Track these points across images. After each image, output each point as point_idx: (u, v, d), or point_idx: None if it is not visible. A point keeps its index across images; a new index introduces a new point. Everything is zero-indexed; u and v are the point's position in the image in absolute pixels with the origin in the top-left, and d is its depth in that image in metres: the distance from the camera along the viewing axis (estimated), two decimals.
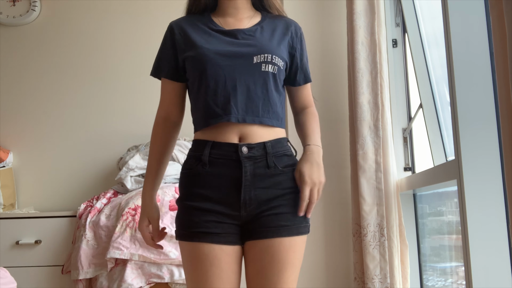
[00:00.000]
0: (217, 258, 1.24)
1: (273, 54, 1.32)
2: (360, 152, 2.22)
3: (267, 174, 1.28)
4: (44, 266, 2.43)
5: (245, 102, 1.29)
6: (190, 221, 1.28)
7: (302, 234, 1.31)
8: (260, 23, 1.41)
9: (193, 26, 1.40)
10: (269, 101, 1.31)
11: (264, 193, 1.28)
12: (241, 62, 1.30)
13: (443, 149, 2.10)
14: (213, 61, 1.30)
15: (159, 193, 2.29)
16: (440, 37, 1.88)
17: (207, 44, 1.33)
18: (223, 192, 1.27)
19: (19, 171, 3.00)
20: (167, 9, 3.10)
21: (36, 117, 3.05)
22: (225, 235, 1.26)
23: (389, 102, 2.30)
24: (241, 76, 1.30)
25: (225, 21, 1.41)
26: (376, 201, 2.18)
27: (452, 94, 1.45)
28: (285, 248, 1.26)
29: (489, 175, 1.37)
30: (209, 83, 1.30)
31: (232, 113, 1.27)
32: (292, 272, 1.27)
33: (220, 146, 1.28)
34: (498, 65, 1.05)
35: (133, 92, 3.04)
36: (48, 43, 3.10)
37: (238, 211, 1.28)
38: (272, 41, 1.36)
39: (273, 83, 1.33)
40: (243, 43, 1.33)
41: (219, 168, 1.28)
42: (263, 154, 1.29)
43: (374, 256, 2.14)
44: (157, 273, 2.14)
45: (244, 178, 1.26)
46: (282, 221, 1.27)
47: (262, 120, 1.30)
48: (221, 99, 1.29)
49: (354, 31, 2.30)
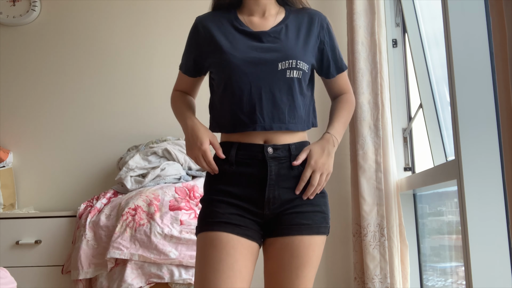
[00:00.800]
0: (233, 248, 1.25)
1: (297, 60, 1.32)
2: (360, 152, 2.22)
3: (290, 175, 1.32)
4: (44, 266, 2.43)
5: (271, 110, 1.30)
6: (213, 212, 1.30)
7: (322, 234, 1.34)
8: (284, 21, 1.39)
9: (219, 25, 1.39)
10: (294, 107, 1.33)
11: (287, 193, 1.31)
12: (266, 69, 1.31)
13: (443, 149, 2.10)
14: (239, 68, 1.31)
15: (159, 193, 2.30)
16: (440, 37, 1.88)
17: (232, 50, 1.33)
18: (249, 190, 1.30)
19: (19, 171, 3.00)
20: (167, 9, 3.10)
21: (36, 117, 3.05)
22: (245, 228, 1.29)
23: (389, 102, 2.30)
24: (266, 84, 1.31)
25: (250, 20, 1.40)
26: (376, 201, 2.18)
27: (452, 94, 1.45)
28: (305, 246, 1.28)
29: (489, 175, 1.37)
30: (234, 90, 1.32)
31: (258, 122, 1.30)
32: (310, 270, 1.29)
33: (246, 147, 1.31)
34: (498, 65, 1.05)
35: (133, 92, 3.04)
36: (48, 43, 3.10)
37: (262, 209, 1.31)
38: (297, 44, 1.35)
39: (298, 88, 1.34)
40: (268, 47, 1.33)
41: (245, 168, 1.31)
42: (287, 155, 1.32)
43: (374, 256, 2.14)
44: (157, 273, 2.14)
45: (269, 177, 1.30)
46: (304, 219, 1.30)
47: (289, 126, 1.32)
48: (247, 107, 1.31)
49: (354, 31, 2.30)
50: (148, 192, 2.31)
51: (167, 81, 3.05)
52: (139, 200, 2.26)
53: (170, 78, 3.03)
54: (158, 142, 2.70)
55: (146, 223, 2.19)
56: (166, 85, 3.05)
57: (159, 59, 3.07)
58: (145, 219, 2.20)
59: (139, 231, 2.17)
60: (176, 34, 3.09)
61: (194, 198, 2.33)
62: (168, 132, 2.88)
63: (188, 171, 2.60)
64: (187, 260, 2.14)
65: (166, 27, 3.10)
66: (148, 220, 2.20)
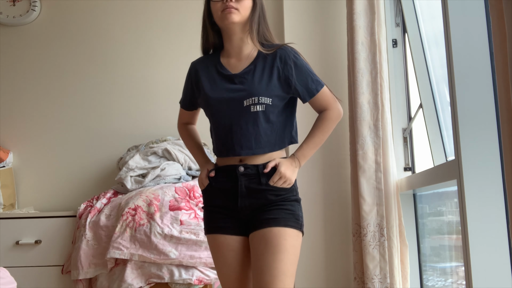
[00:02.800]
0: (230, 245, 1.61)
1: (259, 96, 1.57)
2: (360, 152, 2.22)
3: (259, 189, 1.58)
4: (44, 266, 2.43)
5: (240, 139, 1.58)
6: (209, 220, 1.66)
7: (290, 227, 1.54)
8: (254, 62, 1.63)
9: (206, 69, 1.68)
10: (260, 135, 1.59)
11: (256, 202, 1.58)
12: (234, 107, 1.58)
13: (443, 149, 2.10)
14: (215, 107, 1.62)
15: (159, 193, 2.30)
16: (440, 37, 1.87)
17: (211, 93, 1.62)
18: (226, 201, 1.61)
19: (19, 171, 3.00)
20: (167, 9, 3.11)
21: (36, 117, 3.05)
22: (233, 228, 1.61)
23: (389, 102, 2.30)
24: (236, 118, 1.59)
25: (228, 62, 1.66)
26: (376, 201, 2.18)
27: (452, 94, 1.45)
28: (275, 235, 1.52)
29: (489, 175, 1.37)
30: (216, 125, 1.64)
31: (231, 150, 1.60)
32: (285, 255, 1.50)
33: (224, 169, 1.63)
34: (498, 65, 1.05)
35: (133, 92, 3.04)
36: (48, 43, 3.10)
37: (238, 214, 1.61)
38: (261, 83, 1.59)
39: (263, 118, 1.58)
40: (237, 88, 1.60)
41: (223, 184, 1.62)
42: (256, 172, 1.58)
43: (374, 256, 2.14)
44: (157, 273, 2.14)
45: (240, 189, 1.58)
46: (271, 215, 1.56)
47: (255, 151, 1.59)
48: (224, 138, 1.62)
49: (354, 31, 2.30)
50: (148, 192, 2.31)
51: (167, 81, 3.06)
52: (139, 200, 2.26)
53: (170, 78, 3.04)
54: (158, 142, 2.70)
55: (146, 223, 2.19)
56: (166, 85, 3.06)
57: (159, 59, 3.07)
58: (145, 219, 2.20)
59: (139, 231, 2.17)
60: (176, 34, 3.09)
61: (194, 198, 2.33)
62: (168, 132, 2.88)
63: (188, 171, 2.60)
64: (187, 260, 2.14)
65: (166, 27, 3.10)
66: (148, 220, 2.20)
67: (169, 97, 3.00)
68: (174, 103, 2.95)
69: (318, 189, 2.63)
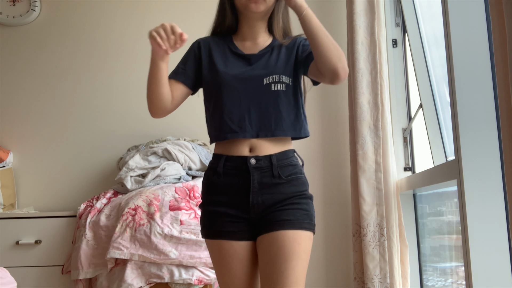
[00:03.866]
0: (236, 252, 1.46)
1: (280, 74, 1.49)
2: (360, 152, 2.22)
3: (272, 183, 1.46)
4: (44, 266, 2.43)
5: (259, 120, 1.47)
6: (210, 222, 1.50)
7: (305, 230, 1.44)
8: (270, 46, 1.57)
9: (218, 47, 1.59)
10: (281, 116, 1.48)
11: (270, 198, 1.45)
12: (253, 85, 1.49)
13: (443, 149, 2.10)
14: (230, 85, 1.49)
15: (159, 193, 2.30)
16: (440, 37, 1.88)
17: (225, 68, 1.52)
18: (235, 197, 1.47)
19: (19, 171, 3.00)
20: (168, 10, 3.10)
21: (36, 117, 3.05)
22: (239, 233, 1.47)
23: (389, 102, 2.30)
24: (254, 97, 1.48)
25: (243, 45, 1.59)
26: (376, 201, 2.19)
27: (452, 94, 1.45)
28: (289, 239, 1.40)
29: (489, 175, 1.37)
30: (226, 102, 1.49)
31: (247, 130, 1.47)
32: (297, 262, 1.39)
33: (232, 159, 1.48)
34: (498, 65, 1.05)
35: (133, 92, 3.04)
36: (48, 43, 3.10)
37: (248, 214, 1.47)
38: (279, 63, 1.52)
39: (284, 99, 1.50)
40: (255, 67, 1.52)
41: (232, 178, 1.48)
42: (269, 165, 1.47)
43: (374, 256, 2.14)
44: (157, 273, 2.14)
45: (252, 185, 1.45)
46: (286, 216, 1.43)
47: (275, 133, 1.48)
48: (237, 117, 1.48)
49: (354, 31, 2.30)
50: (148, 192, 2.31)
51: None
52: (139, 200, 2.26)
53: None
54: (158, 142, 2.70)
55: (146, 223, 2.19)
56: None
57: None
58: (145, 219, 2.20)
59: (139, 231, 2.17)
60: None
61: (194, 198, 2.33)
62: (168, 132, 2.88)
63: (188, 171, 2.60)
64: (187, 260, 2.14)
65: None
66: (148, 220, 2.20)
67: None
68: None
69: (318, 189, 2.63)
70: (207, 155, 2.66)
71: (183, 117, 2.62)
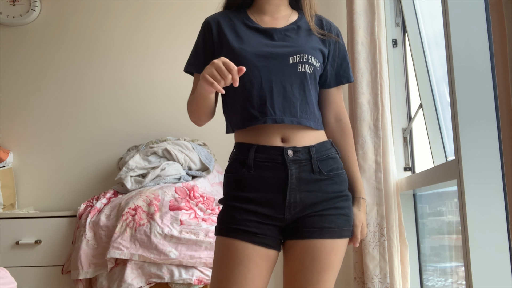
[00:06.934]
0: (247, 258, 1.24)
1: (309, 54, 1.31)
2: (360, 152, 2.22)
3: (312, 179, 1.29)
4: (44, 266, 2.43)
5: (282, 103, 1.28)
6: (231, 218, 1.28)
7: (344, 237, 1.32)
8: (297, 22, 1.40)
9: (230, 23, 1.39)
10: (306, 102, 1.31)
11: (309, 197, 1.28)
12: (276, 63, 1.29)
13: (443, 149, 2.10)
14: (249, 62, 1.29)
15: (159, 193, 2.29)
16: (440, 37, 1.88)
17: (242, 44, 1.32)
18: (268, 195, 1.27)
19: (19, 171, 3.00)
20: (168, 9, 3.10)
21: (36, 117, 3.05)
22: (262, 237, 1.26)
23: (389, 102, 2.30)
24: (277, 77, 1.29)
25: (261, 19, 1.39)
26: (376, 201, 2.18)
27: (452, 94, 1.45)
28: (327, 250, 1.26)
29: (489, 175, 1.37)
30: (245, 84, 1.29)
31: (269, 114, 1.27)
32: (331, 274, 1.27)
33: (264, 149, 1.28)
34: (498, 65, 1.05)
35: (133, 92, 3.04)
36: (48, 43, 3.10)
37: (282, 214, 1.28)
38: (308, 42, 1.35)
39: (311, 83, 1.32)
40: (279, 44, 1.33)
41: (264, 172, 1.27)
42: (308, 158, 1.29)
43: (374, 256, 2.14)
44: (157, 273, 2.14)
45: (290, 181, 1.26)
46: (326, 222, 1.28)
47: (300, 121, 1.29)
48: (257, 100, 1.28)
49: (354, 31, 2.30)
50: (148, 192, 2.31)
51: (167, 81, 3.06)
52: (139, 200, 2.26)
53: (170, 78, 3.04)
54: (158, 142, 2.70)
55: (146, 223, 2.19)
56: (166, 85, 3.06)
57: (160, 59, 3.07)
58: (145, 219, 2.20)
59: (139, 231, 2.17)
60: (177, 34, 3.09)
61: (194, 198, 2.33)
62: (168, 132, 2.88)
63: (188, 171, 2.60)
64: (187, 260, 2.14)
65: (167, 28, 3.10)
66: (148, 220, 2.20)
67: (169, 97, 3.00)
68: (174, 103, 2.96)
69: None
70: (207, 155, 2.66)
71: (183, 117, 2.62)
